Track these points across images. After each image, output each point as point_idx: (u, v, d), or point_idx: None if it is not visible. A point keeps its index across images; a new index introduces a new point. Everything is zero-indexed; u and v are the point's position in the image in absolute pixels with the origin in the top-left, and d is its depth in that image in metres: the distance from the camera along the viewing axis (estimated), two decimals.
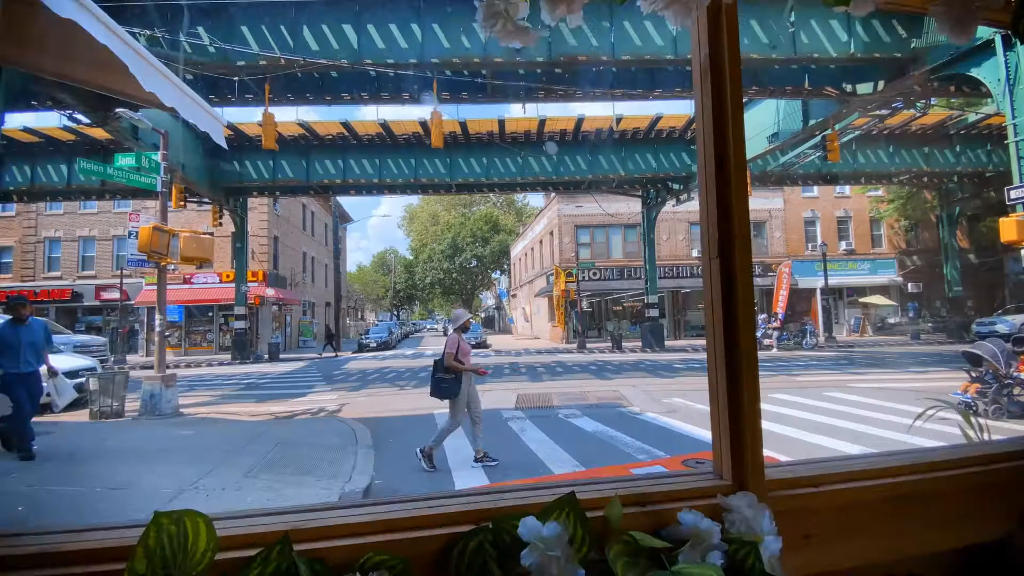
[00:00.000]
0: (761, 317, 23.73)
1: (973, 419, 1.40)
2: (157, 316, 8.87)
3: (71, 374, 10.64)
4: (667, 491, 0.71)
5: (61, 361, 10.81)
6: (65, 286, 26.52)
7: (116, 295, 24.47)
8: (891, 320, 27.34)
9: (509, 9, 0.63)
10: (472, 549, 0.62)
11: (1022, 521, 0.86)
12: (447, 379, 5.09)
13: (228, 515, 0.62)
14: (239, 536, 0.60)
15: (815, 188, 27.56)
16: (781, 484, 0.75)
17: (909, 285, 27.58)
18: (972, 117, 18.06)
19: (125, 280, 23.54)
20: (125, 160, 8.95)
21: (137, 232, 9.20)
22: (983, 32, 8.85)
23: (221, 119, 3.66)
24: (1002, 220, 9.59)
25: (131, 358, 21.80)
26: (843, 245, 28.05)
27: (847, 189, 27.84)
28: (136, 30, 8.92)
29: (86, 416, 8.74)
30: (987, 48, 10.22)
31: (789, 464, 0.83)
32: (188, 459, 5.64)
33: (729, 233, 0.74)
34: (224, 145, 3.69)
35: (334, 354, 24.29)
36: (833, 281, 25.10)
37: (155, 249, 8.50)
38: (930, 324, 24.98)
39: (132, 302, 24.83)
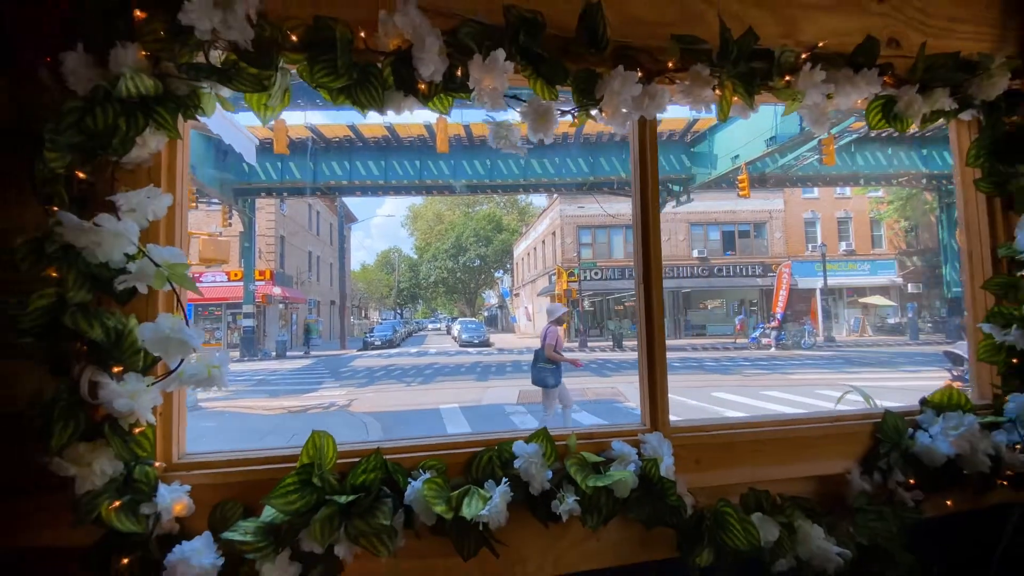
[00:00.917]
0: (739, 318, 24.07)
1: (871, 400, 1.80)
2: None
3: None
4: (606, 431, 1.12)
5: None
6: None
7: None
8: (891, 320, 27.58)
9: (510, 136, 1.04)
10: (485, 460, 1.03)
11: (859, 461, 1.26)
12: (548, 369, 5.61)
13: (341, 443, 1.03)
14: (348, 451, 1.01)
15: (815, 189, 27.82)
16: (682, 429, 1.16)
17: (909, 286, 27.83)
18: None
19: None
20: None
21: None
22: None
23: (254, 139, 4.07)
24: None
25: None
26: (843, 246, 28.31)
27: (847, 190, 28.10)
28: None
29: None
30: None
31: (693, 420, 1.24)
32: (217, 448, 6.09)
33: (649, 268, 1.15)
34: (254, 163, 4.10)
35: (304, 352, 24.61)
36: (833, 281, 25.39)
37: None
38: (929, 324, 25.24)
39: None
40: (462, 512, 0.94)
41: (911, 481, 1.22)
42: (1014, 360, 1.34)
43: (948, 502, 1.25)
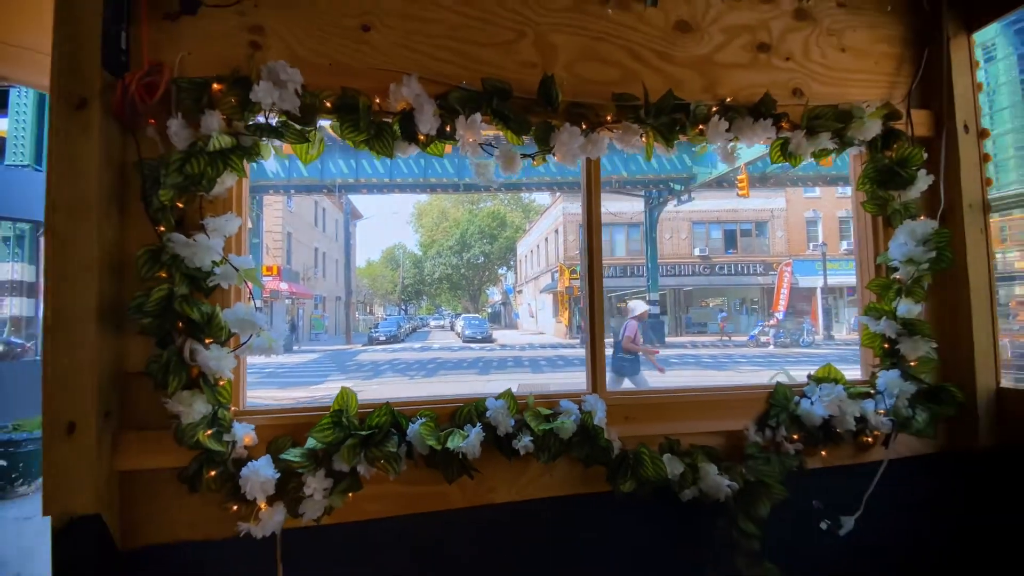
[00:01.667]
0: (721, 316, 24.34)
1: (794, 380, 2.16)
2: None
3: None
4: (557, 394, 1.49)
5: None
6: None
7: None
8: None
9: (487, 173, 1.41)
10: (465, 411, 1.41)
11: (755, 420, 1.63)
12: (626, 359, 6.17)
13: (360, 401, 1.41)
14: (366, 403, 1.39)
15: (817, 188, 28.00)
16: (615, 394, 1.53)
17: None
18: None
19: None
20: None
21: None
22: None
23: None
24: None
25: None
26: (844, 245, 28.49)
27: (848, 190, 28.21)
28: None
29: None
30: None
31: (627, 388, 1.60)
32: None
33: (592, 266, 1.52)
34: (263, 161, 4.48)
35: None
36: (834, 280, 25.59)
37: None
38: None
39: None
40: (447, 445, 1.32)
41: (795, 437, 1.58)
42: (885, 345, 1.70)
43: (823, 452, 1.62)
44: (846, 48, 1.81)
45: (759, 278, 28.35)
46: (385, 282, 57.26)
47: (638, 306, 6.64)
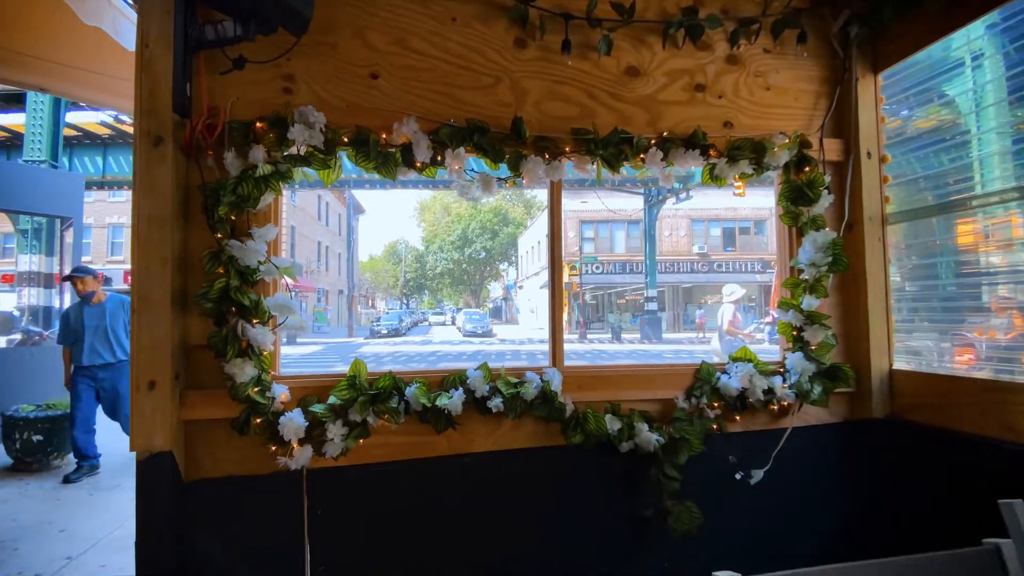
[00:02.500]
0: (700, 313, 24.65)
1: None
2: None
3: None
4: (525, 367, 1.89)
5: None
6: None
7: None
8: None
9: (471, 192, 1.81)
10: (451, 379, 1.81)
11: (684, 391, 2.02)
12: (730, 343, 6.50)
13: (369, 370, 1.80)
14: (373, 372, 1.79)
15: None
16: (570, 368, 1.93)
17: (906, 285, 28.22)
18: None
19: None
20: None
21: None
22: None
23: None
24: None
25: None
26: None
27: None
28: None
29: None
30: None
31: (580, 363, 2.00)
32: None
33: (554, 264, 1.91)
34: None
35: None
36: None
37: None
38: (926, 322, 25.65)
39: None
40: (437, 403, 1.72)
41: (715, 404, 1.98)
42: (795, 332, 2.09)
43: (737, 417, 2.01)
44: (770, 87, 2.19)
45: (757, 276, 28.67)
46: (387, 276, 57.71)
47: (735, 290, 6.69)
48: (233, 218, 1.68)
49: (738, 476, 2.01)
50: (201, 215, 1.67)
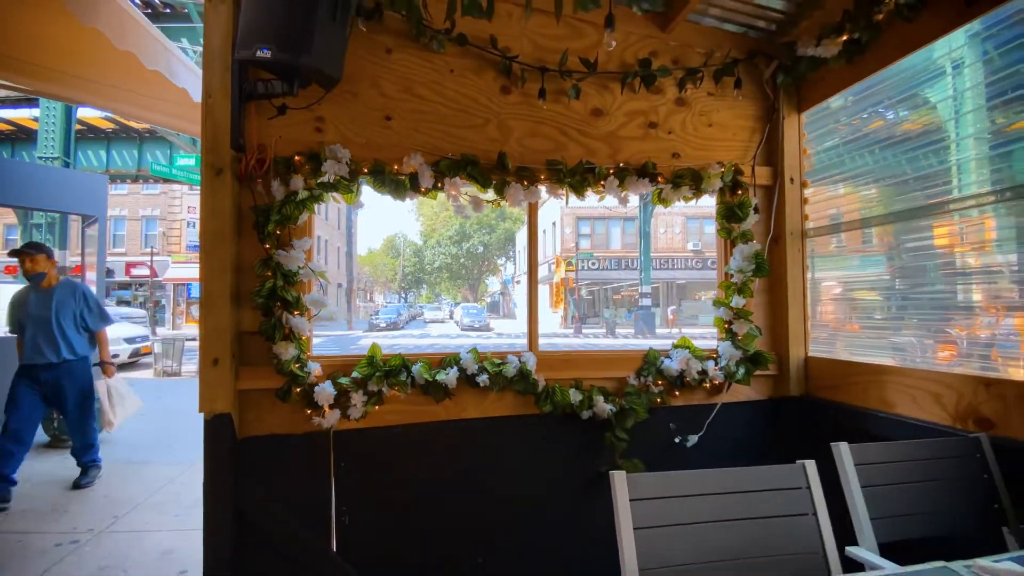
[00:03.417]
0: (672, 309, 25.06)
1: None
2: None
3: (130, 340, 12.36)
4: (507, 351, 2.37)
5: (121, 330, 12.37)
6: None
7: (145, 272, 26.43)
8: (877, 316, 28.55)
9: (466, 211, 2.28)
10: (448, 359, 2.30)
11: (634, 372, 2.50)
12: None
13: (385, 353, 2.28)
14: (387, 355, 2.27)
15: None
16: (543, 352, 2.41)
17: (897, 282, 28.79)
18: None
19: (154, 258, 25.44)
20: (184, 161, 10.67)
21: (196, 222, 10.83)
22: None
23: None
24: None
25: (160, 330, 23.78)
26: (834, 242, 29.25)
27: (840, 188, 28.89)
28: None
29: (151, 374, 10.56)
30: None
31: (553, 348, 2.49)
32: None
33: (532, 263, 2.39)
34: None
35: None
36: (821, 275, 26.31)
37: None
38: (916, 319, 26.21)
39: (160, 279, 26.78)
40: (436, 378, 2.20)
41: (659, 382, 2.47)
42: (725, 325, 2.58)
43: (677, 393, 2.50)
44: (712, 124, 2.67)
45: None
46: (386, 270, 58.09)
47: None
48: (278, 232, 2.15)
49: (676, 440, 2.50)
50: (251, 229, 2.14)
